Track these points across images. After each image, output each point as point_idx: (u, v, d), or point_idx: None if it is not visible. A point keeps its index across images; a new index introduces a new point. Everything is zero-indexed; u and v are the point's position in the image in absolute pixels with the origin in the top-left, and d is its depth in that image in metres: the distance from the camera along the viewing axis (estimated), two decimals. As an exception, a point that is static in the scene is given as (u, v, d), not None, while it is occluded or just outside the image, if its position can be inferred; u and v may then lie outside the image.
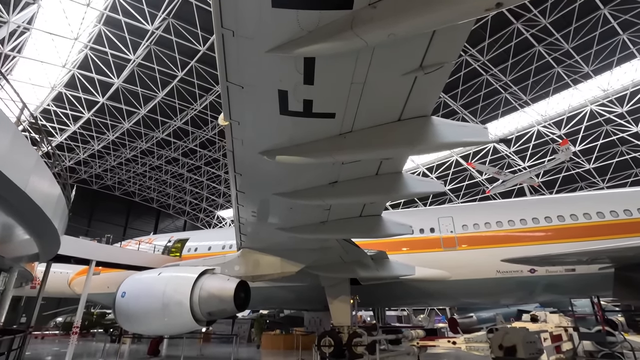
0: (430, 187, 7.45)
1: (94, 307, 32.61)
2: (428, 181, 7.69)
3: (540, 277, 14.78)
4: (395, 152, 6.12)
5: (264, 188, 8.65)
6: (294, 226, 10.94)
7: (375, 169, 7.60)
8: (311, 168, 7.60)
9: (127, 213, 54.36)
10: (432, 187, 7.49)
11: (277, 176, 8.03)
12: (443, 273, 15.89)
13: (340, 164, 7.36)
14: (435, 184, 7.46)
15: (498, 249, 15.36)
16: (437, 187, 7.45)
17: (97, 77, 28.56)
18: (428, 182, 7.62)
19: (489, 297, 16.99)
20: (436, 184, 7.53)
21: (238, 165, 7.69)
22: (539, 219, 15.62)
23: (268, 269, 13.69)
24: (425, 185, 7.53)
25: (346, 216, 10.38)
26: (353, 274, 14.50)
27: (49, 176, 7.96)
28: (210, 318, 12.81)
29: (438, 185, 7.44)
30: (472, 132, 5.65)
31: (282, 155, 6.78)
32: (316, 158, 6.52)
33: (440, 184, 7.41)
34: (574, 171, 35.91)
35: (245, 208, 10.03)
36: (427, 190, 7.50)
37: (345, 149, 6.28)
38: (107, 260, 15.55)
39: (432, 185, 7.47)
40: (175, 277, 13.28)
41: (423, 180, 7.66)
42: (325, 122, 5.98)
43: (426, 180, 7.75)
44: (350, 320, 14.74)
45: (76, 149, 39.70)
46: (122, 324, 13.52)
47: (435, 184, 7.46)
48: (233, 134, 6.64)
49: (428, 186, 7.50)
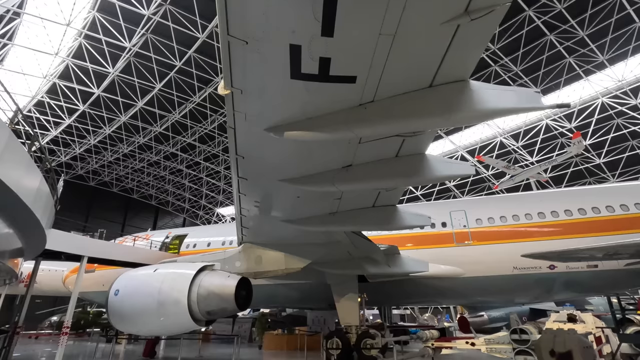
0: (458, 170, 6.54)
1: (90, 306, 31.74)
2: (455, 163, 6.77)
3: (560, 273, 13.95)
4: (425, 124, 5.20)
5: (269, 173, 7.74)
6: (300, 218, 10.09)
7: (396, 149, 6.69)
8: (323, 148, 6.69)
9: (125, 210, 53.42)
10: (460, 170, 6.57)
11: (284, 159, 7.11)
12: (456, 270, 15.05)
13: (357, 143, 6.47)
14: (463, 166, 6.55)
15: (515, 244, 14.52)
16: (466, 170, 6.53)
17: (91, 67, 27.50)
18: (456, 164, 6.71)
19: (504, 295, 16.11)
20: (465, 166, 6.61)
21: (240, 145, 6.77)
22: (558, 212, 14.75)
23: (271, 265, 12.82)
24: (453, 168, 6.61)
25: (358, 206, 9.51)
26: (361, 270, 13.62)
27: (25, 158, 7.04)
28: (210, 317, 11.93)
29: (466, 168, 6.52)
30: (521, 97, 4.73)
31: (293, 130, 5.88)
32: (332, 133, 5.61)
33: (469, 166, 6.51)
34: (583, 166, 35.02)
35: (248, 197, 9.13)
36: (454, 174, 6.61)
37: (366, 121, 5.37)
38: (100, 257, 14.61)
39: (460, 168, 6.55)
40: (172, 274, 12.37)
41: (450, 162, 6.75)
42: (343, 88, 5.06)
43: (453, 162, 6.84)
44: (359, 319, 13.87)
45: (72, 143, 38.68)
46: (115, 324, 12.65)
47: (463, 166, 6.55)
48: (235, 106, 5.72)
49: (455, 169, 6.59)
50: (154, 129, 36.92)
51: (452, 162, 6.83)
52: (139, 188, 52.27)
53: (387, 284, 15.23)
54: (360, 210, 9.52)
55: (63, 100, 30.92)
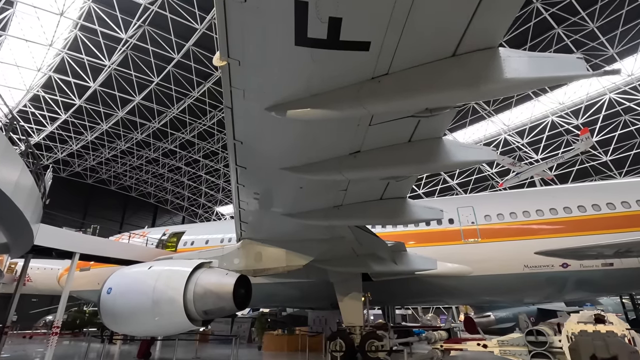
0: (478, 155, 5.91)
1: (86, 305, 31.12)
2: (475, 147, 6.15)
3: (573, 272, 13.37)
4: (449, 98, 4.57)
5: (270, 160, 7.13)
6: (303, 211, 9.48)
7: (410, 132, 6.09)
8: (329, 132, 6.09)
9: (124, 208, 52.78)
10: (480, 155, 5.94)
11: (287, 144, 6.49)
12: (464, 268, 14.46)
13: (367, 125, 5.88)
14: (483, 151, 5.94)
15: (526, 241, 13.94)
16: (487, 155, 5.92)
17: (87, 59, 26.80)
18: (475, 149, 6.08)
19: (513, 295, 15.51)
20: (485, 150, 5.99)
21: (238, 128, 6.15)
22: (571, 208, 14.15)
23: (271, 262, 12.20)
24: (472, 153, 5.98)
25: (365, 199, 8.92)
26: (366, 268, 13.02)
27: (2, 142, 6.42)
28: (207, 317, 11.30)
29: (487, 152, 5.91)
30: (561, 64, 4.11)
31: (296, 109, 5.27)
32: (341, 110, 5.00)
33: (490, 150, 5.90)
34: (588, 164, 34.40)
35: (247, 188, 8.52)
36: (474, 159, 5.97)
37: (380, 96, 4.75)
38: (93, 253, 14.00)
39: (480, 153, 5.93)
40: (167, 271, 11.73)
41: (469, 146, 6.15)
42: (355, 57, 4.45)
43: (472, 147, 6.22)
44: (363, 320, 13.26)
45: (68, 140, 38.00)
46: (108, 324, 12.01)
47: (483, 151, 5.94)
48: (232, 81, 5.11)
49: (475, 154, 5.96)
50: (152, 125, 36.26)
51: (471, 146, 6.23)
52: (137, 186, 51.62)
53: (391, 282, 14.63)
54: (367, 203, 8.93)
55: (59, 95, 30.25)
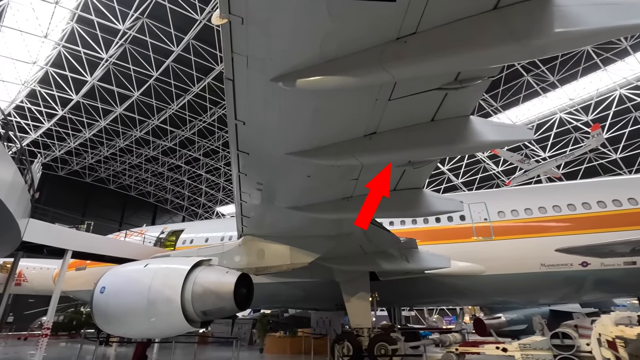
0: (512, 135, 5.20)
1: (83, 305, 30.42)
2: (508, 126, 5.45)
3: (593, 271, 12.68)
4: (491, 57, 3.84)
5: (275, 144, 6.43)
6: (310, 203, 8.77)
7: (434, 108, 5.38)
8: (344, 107, 5.39)
9: (123, 208, 52.05)
10: (515, 135, 5.23)
11: (295, 123, 5.78)
12: (476, 267, 13.76)
13: (386, 100, 5.19)
14: (519, 130, 5.24)
15: (543, 238, 13.27)
16: (523, 134, 5.22)
17: (84, 52, 26.11)
18: (508, 128, 5.37)
19: (529, 295, 14.78)
20: (520, 129, 5.31)
21: (240, 104, 5.44)
22: (590, 204, 13.45)
23: (275, 259, 11.48)
24: (506, 133, 5.26)
25: (377, 190, 8.20)
26: (375, 266, 12.31)
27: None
28: (206, 318, 10.60)
29: (523, 132, 5.22)
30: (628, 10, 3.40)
31: (308, 77, 4.57)
32: (360, 75, 4.29)
33: (527, 129, 5.21)
34: (597, 162, 33.64)
35: (249, 178, 7.81)
36: (509, 139, 5.26)
37: (406, 58, 4.05)
38: (86, 251, 13.27)
39: (516, 132, 5.23)
40: (164, 269, 11.03)
41: (502, 125, 5.42)
42: (379, 10, 3.76)
43: (506, 126, 5.52)
44: (371, 321, 12.54)
45: (66, 137, 37.31)
46: (100, 325, 11.25)
47: (519, 130, 5.24)
48: (233, 46, 4.42)
49: (509, 133, 5.24)
50: (152, 122, 35.58)
51: (503, 125, 5.50)
52: (137, 185, 50.94)
53: (399, 282, 13.94)
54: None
55: (55, 90, 29.57)
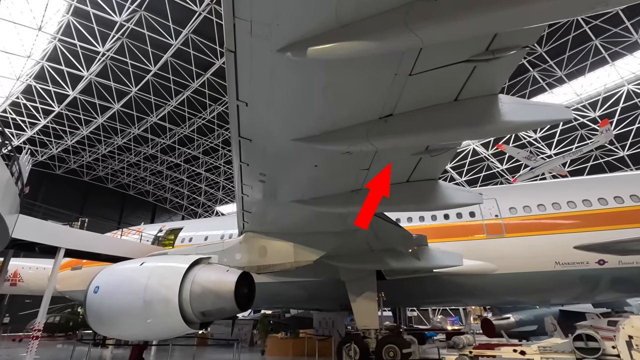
0: (550, 114, 4.64)
1: (80, 306, 29.78)
2: (542, 105, 4.89)
3: (610, 269, 12.14)
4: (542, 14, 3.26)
5: (281, 128, 5.86)
6: (316, 196, 8.20)
7: (459, 85, 4.81)
8: (359, 82, 4.82)
9: (122, 207, 51.39)
10: (553, 114, 4.67)
11: (302, 102, 5.19)
12: (487, 265, 13.21)
13: (407, 75, 4.63)
14: (556, 109, 4.69)
15: (558, 235, 12.73)
16: (560, 113, 4.67)
17: (79, 45, 25.41)
18: (543, 107, 4.82)
19: (541, 295, 14.19)
20: (556, 109, 4.74)
21: (242, 80, 4.85)
22: (606, 199, 12.88)
23: (278, 257, 10.91)
24: (542, 112, 4.73)
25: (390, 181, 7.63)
26: (382, 265, 11.77)
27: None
28: (205, 319, 10.05)
29: (561, 111, 4.67)
30: None
31: (320, 45, 4.01)
32: (381, 39, 3.73)
33: (564, 108, 4.67)
34: (603, 160, 33.08)
35: (252, 168, 7.22)
36: (545, 118, 4.70)
37: (436, 16, 3.49)
38: (80, 249, 12.69)
39: (553, 112, 4.67)
40: (160, 268, 10.47)
41: (536, 104, 4.86)
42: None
43: (540, 105, 4.95)
44: (379, 322, 11.97)
45: (63, 135, 36.63)
46: (94, 326, 10.68)
47: (556, 109, 4.69)
48: (236, 8, 3.89)
49: (545, 113, 4.70)
50: (150, 119, 34.94)
51: (538, 104, 4.94)
52: (135, 184, 50.30)
53: (406, 281, 13.39)
54: (392, 186, 7.65)
55: (52, 86, 28.92)
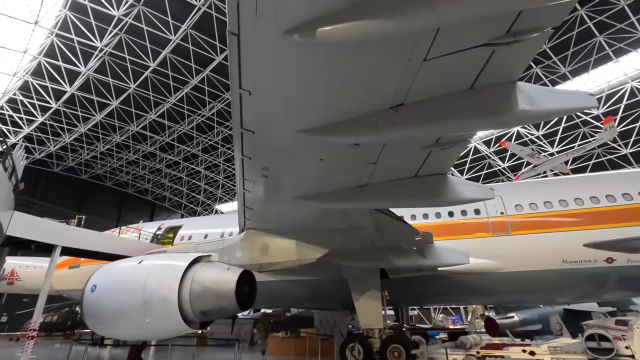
0: (576, 102, 4.39)
1: (78, 305, 29.48)
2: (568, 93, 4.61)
3: (618, 268, 11.91)
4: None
5: (285, 120, 5.57)
6: (320, 192, 7.93)
7: (476, 71, 4.54)
8: (369, 67, 4.53)
9: (120, 205, 51.02)
10: (573, 102, 4.41)
11: (308, 90, 4.90)
12: (492, 264, 12.97)
13: (421, 60, 4.37)
14: (578, 97, 4.42)
15: (566, 233, 12.47)
16: (584, 101, 4.41)
17: (77, 40, 24.99)
18: (569, 95, 4.53)
19: (548, 294, 13.96)
20: (580, 96, 4.48)
21: (246, 67, 4.56)
22: (614, 196, 12.64)
23: (280, 255, 10.63)
24: (567, 100, 4.46)
25: (396, 176, 7.38)
26: (387, 263, 11.50)
27: None
28: (205, 319, 9.76)
29: (584, 98, 4.40)
30: None
31: (330, 25, 3.74)
32: (396, 18, 3.48)
33: (588, 96, 4.40)
34: (605, 158, 32.87)
35: (254, 162, 6.93)
36: (566, 107, 4.44)
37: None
38: (76, 247, 12.40)
39: (574, 100, 4.39)
40: (159, 266, 10.17)
41: (556, 91, 4.58)
42: None
43: (565, 92, 4.67)
44: (382, 321, 11.71)
45: (61, 132, 36.21)
46: (91, 326, 10.39)
47: (578, 97, 4.42)
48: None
49: (572, 100, 4.43)
50: (149, 116, 34.56)
51: (561, 92, 4.67)
52: (134, 182, 49.95)
53: (410, 280, 13.16)
54: (400, 181, 7.40)
55: (49, 82, 28.49)
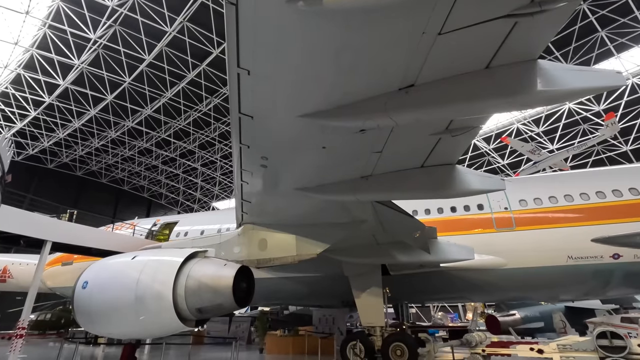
0: (598, 81, 4.05)
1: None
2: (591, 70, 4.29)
3: (624, 264, 11.69)
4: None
5: (287, 103, 5.18)
6: (322, 183, 7.58)
7: (494, 48, 4.18)
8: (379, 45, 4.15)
9: (116, 202, 50.39)
10: (600, 80, 4.08)
11: (315, 67, 4.49)
12: (496, 260, 12.71)
13: (436, 33, 4.00)
14: (605, 75, 4.10)
15: (571, 228, 12.24)
16: (613, 80, 4.07)
17: (70, 31, 24.24)
18: (593, 73, 4.21)
19: (552, 290, 13.70)
20: (608, 74, 4.15)
21: (245, 42, 4.17)
22: (621, 190, 12.39)
23: (279, 250, 10.28)
24: (590, 78, 4.11)
25: (402, 167, 7.03)
26: (389, 259, 11.15)
27: None
28: (201, 316, 9.40)
29: (612, 77, 4.08)
30: None
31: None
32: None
33: (616, 74, 4.09)
34: (605, 155, 32.74)
35: (252, 150, 6.54)
36: (594, 86, 4.09)
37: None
38: (68, 242, 11.94)
39: (601, 78, 4.07)
40: (154, 262, 9.79)
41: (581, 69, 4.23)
42: None
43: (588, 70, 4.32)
44: (384, 319, 11.39)
45: (55, 127, 35.48)
46: (83, 324, 10.00)
47: (605, 75, 4.10)
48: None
49: (593, 79, 4.09)
50: (144, 112, 33.97)
51: (586, 69, 4.31)
52: (130, 179, 49.32)
53: (411, 277, 12.88)
54: (405, 172, 7.05)
55: (42, 76, 27.81)
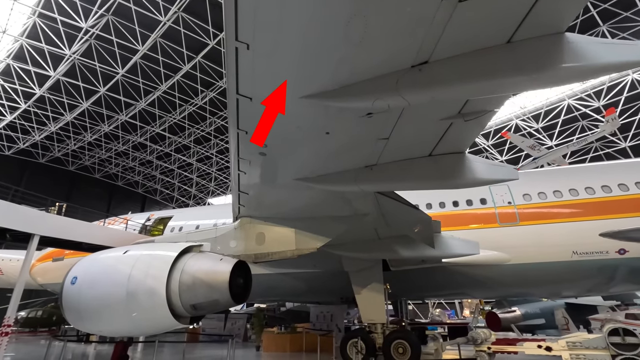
0: (635, 55, 3.71)
1: (62, 299, 28.42)
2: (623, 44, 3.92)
3: (630, 259, 11.50)
4: None
5: (289, 81, 4.75)
6: (324, 173, 7.18)
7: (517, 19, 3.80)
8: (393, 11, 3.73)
9: (109, 198, 49.60)
10: (631, 54, 3.74)
11: (321, 40, 4.07)
12: (499, 255, 12.43)
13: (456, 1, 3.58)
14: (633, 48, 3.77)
15: (577, 223, 11.97)
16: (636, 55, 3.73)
17: (60, 19, 23.43)
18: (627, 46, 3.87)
19: (556, 286, 13.47)
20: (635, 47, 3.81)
21: (244, 9, 3.74)
22: (627, 185, 12.14)
23: (277, 245, 9.90)
24: (625, 52, 3.76)
25: (409, 155, 6.66)
26: (391, 253, 10.80)
27: None
28: (196, 313, 9.04)
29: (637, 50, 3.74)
30: None
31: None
32: None
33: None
34: (603, 152, 32.66)
35: (250, 137, 6.12)
36: (627, 60, 3.73)
37: None
38: (56, 236, 11.46)
39: (637, 52, 3.74)
40: (146, 256, 9.39)
41: (613, 42, 3.88)
42: None
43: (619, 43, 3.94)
44: (385, 316, 11.06)
45: (46, 121, 34.65)
46: (72, 322, 9.61)
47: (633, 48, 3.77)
48: None
49: (627, 53, 3.74)
50: (139, 105, 33.27)
51: (617, 43, 3.94)
52: (124, 174, 48.57)
53: (412, 272, 12.55)
54: (412, 160, 6.67)
55: (32, 67, 27.04)
